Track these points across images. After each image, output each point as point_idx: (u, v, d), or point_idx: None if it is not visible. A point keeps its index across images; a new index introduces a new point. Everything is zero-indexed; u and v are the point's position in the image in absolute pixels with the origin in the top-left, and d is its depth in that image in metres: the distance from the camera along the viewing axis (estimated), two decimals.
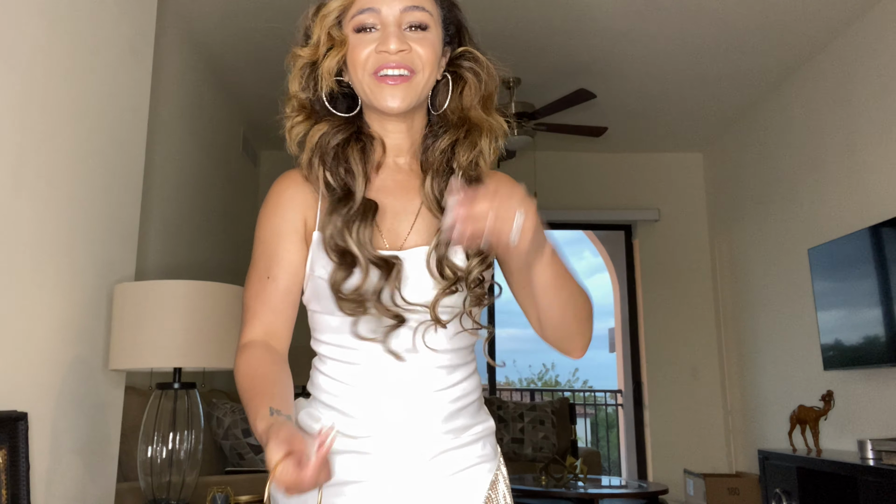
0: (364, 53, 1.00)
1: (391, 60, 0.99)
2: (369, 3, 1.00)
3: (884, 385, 3.53)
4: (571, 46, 4.06)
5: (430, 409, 1.02)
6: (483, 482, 1.05)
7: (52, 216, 1.87)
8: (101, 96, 2.15)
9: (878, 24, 3.61)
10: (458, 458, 1.04)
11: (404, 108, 1.01)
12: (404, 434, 1.01)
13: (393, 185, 1.06)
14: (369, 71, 1.00)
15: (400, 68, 0.99)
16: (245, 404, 0.94)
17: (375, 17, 1.00)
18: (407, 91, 1.00)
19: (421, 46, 1.01)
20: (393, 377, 1.01)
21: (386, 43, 0.98)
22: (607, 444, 8.60)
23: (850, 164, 3.84)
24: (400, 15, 1.00)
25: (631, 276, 5.87)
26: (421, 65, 1.01)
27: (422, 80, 1.02)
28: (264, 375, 0.96)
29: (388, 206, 1.04)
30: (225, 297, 2.03)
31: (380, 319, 0.99)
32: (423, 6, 1.02)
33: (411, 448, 1.01)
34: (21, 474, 1.59)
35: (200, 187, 4.12)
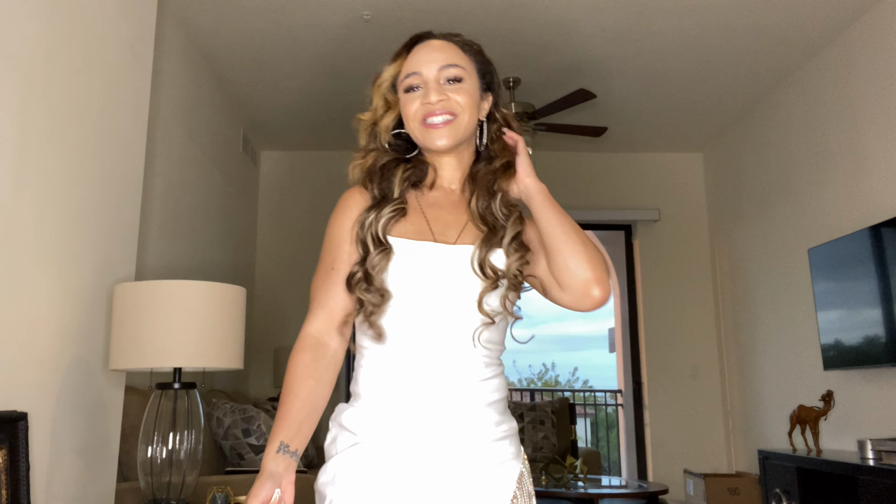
0: (413, 108, 1.25)
1: (434, 109, 1.23)
2: (412, 68, 1.25)
3: (884, 385, 3.53)
4: (571, 46, 4.06)
5: (473, 398, 1.18)
6: (511, 478, 1.19)
7: (52, 216, 1.87)
8: (101, 96, 2.15)
9: (878, 24, 3.61)
10: (495, 451, 1.19)
11: (451, 145, 1.25)
12: (449, 423, 1.16)
13: (445, 202, 1.29)
14: (418, 120, 1.24)
15: (443, 114, 1.23)
16: (277, 410, 1.17)
17: (419, 79, 1.25)
18: (451, 131, 1.23)
19: (458, 94, 1.24)
20: (435, 370, 1.17)
21: (428, 97, 1.23)
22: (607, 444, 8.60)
23: (851, 164, 3.84)
24: (438, 73, 1.24)
25: (631, 276, 5.87)
26: (460, 108, 1.24)
27: (463, 121, 1.24)
28: (297, 393, 1.17)
29: (439, 216, 1.26)
30: (225, 297, 2.03)
31: (418, 313, 1.18)
32: (457, 63, 1.26)
33: (453, 439, 1.15)
34: (21, 474, 1.59)
35: (200, 187, 4.11)
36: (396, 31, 3.86)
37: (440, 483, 1.13)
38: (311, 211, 5.59)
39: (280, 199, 5.61)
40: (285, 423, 1.14)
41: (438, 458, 1.14)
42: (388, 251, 1.18)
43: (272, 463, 1.12)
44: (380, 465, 1.14)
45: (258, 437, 3.16)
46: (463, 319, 1.19)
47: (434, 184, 1.30)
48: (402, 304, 1.18)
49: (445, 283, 1.19)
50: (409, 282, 1.18)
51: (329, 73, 4.34)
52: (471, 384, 1.18)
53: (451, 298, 1.18)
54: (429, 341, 1.17)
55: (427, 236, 1.22)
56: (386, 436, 1.15)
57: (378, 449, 1.15)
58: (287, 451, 1.13)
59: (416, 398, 1.16)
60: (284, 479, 1.12)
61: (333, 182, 5.80)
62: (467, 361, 1.18)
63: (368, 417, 1.18)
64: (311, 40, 3.94)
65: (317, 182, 5.64)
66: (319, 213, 5.78)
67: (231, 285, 2.06)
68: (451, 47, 1.27)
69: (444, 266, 1.19)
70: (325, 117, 5.04)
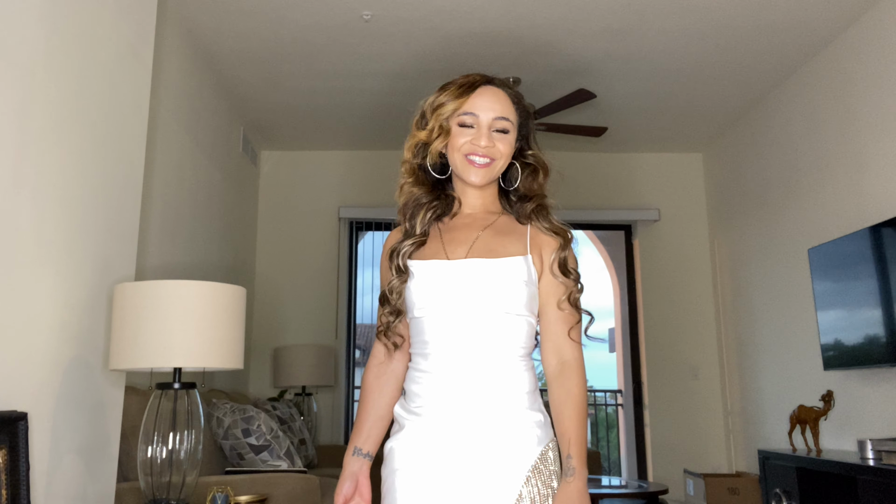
0: (461, 141, 1.44)
1: (480, 150, 1.43)
2: (472, 109, 1.44)
3: (884, 385, 3.53)
4: (571, 46, 4.06)
5: (493, 389, 1.37)
6: (527, 462, 1.34)
7: (52, 216, 1.87)
8: (101, 96, 2.15)
9: (877, 24, 3.61)
10: (515, 437, 1.36)
11: (484, 183, 1.47)
12: (471, 413, 1.36)
13: (461, 225, 1.49)
14: (463, 153, 1.44)
15: (485, 157, 1.44)
16: (355, 419, 1.50)
17: (475, 120, 1.44)
18: (487, 173, 1.45)
19: (502, 144, 1.45)
20: (460, 365, 1.38)
21: (479, 140, 1.43)
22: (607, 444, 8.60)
23: (851, 164, 3.84)
24: (492, 121, 1.44)
25: (631, 276, 5.86)
26: (500, 155, 1.45)
27: (498, 166, 1.46)
28: (364, 406, 1.49)
29: (454, 238, 1.47)
30: (225, 297, 2.03)
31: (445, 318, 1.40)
32: (508, 117, 1.45)
33: (474, 424, 1.35)
34: (21, 474, 1.59)
35: (200, 187, 4.11)
36: (396, 31, 3.86)
37: (462, 461, 1.33)
38: (311, 211, 5.59)
39: (280, 199, 5.61)
40: (357, 431, 1.47)
41: (460, 443, 1.33)
42: (403, 276, 1.42)
43: (350, 464, 1.44)
44: (414, 446, 1.37)
45: (258, 437, 3.16)
46: (479, 321, 1.38)
47: (456, 214, 1.51)
48: (428, 314, 1.40)
49: (458, 293, 1.39)
50: (428, 296, 1.41)
51: (329, 73, 4.34)
52: (492, 379, 1.36)
53: (466, 304, 1.39)
54: (452, 343, 1.38)
55: (440, 255, 1.44)
56: (420, 423, 1.37)
57: (413, 433, 1.37)
58: (360, 454, 1.45)
59: (445, 393, 1.36)
60: (361, 475, 1.44)
61: (333, 182, 5.83)
62: (487, 358, 1.37)
63: (409, 407, 1.41)
64: (311, 40, 3.94)
65: (317, 182, 5.64)
66: (319, 213, 5.80)
67: (231, 285, 2.06)
68: (505, 99, 1.46)
69: (453, 278, 1.41)
70: (325, 117, 5.04)
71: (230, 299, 2.04)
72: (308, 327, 5.39)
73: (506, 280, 1.39)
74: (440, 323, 1.40)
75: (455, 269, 1.41)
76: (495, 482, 1.31)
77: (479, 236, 1.46)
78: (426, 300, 1.40)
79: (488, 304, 1.38)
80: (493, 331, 1.38)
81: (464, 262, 1.42)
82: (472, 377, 1.36)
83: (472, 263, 1.41)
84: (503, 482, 1.31)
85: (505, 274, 1.40)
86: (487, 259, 1.41)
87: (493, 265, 1.41)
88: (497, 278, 1.39)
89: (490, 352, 1.37)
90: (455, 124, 1.45)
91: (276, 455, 3.18)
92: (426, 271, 1.42)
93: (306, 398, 4.84)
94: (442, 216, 1.51)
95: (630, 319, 5.82)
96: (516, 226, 1.49)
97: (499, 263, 1.41)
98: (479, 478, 1.31)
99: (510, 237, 1.47)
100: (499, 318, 1.38)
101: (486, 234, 1.46)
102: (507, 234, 1.47)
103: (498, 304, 1.38)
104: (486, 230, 1.47)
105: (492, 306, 1.38)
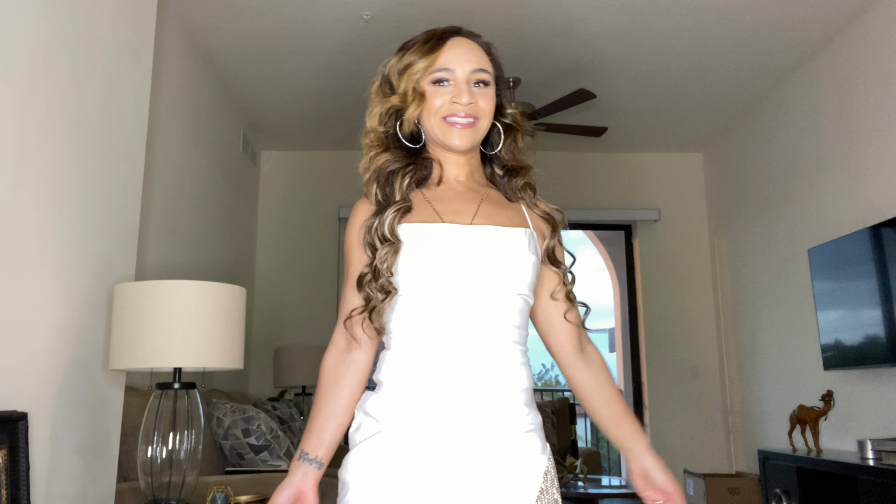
0: (438, 103, 1.24)
1: (462, 110, 1.23)
2: (446, 65, 1.25)
3: (884, 385, 3.53)
4: (571, 46, 4.06)
5: (501, 386, 1.18)
6: (538, 472, 1.20)
7: (52, 216, 1.87)
8: (101, 96, 2.15)
9: (877, 24, 3.61)
10: (523, 443, 1.20)
11: (467, 147, 1.26)
12: (476, 412, 1.15)
13: (453, 194, 1.28)
14: (441, 116, 1.24)
15: (468, 117, 1.24)
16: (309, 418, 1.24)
17: (451, 75, 1.25)
18: (472, 134, 1.25)
19: (483, 100, 1.26)
20: (462, 356, 1.16)
21: (459, 96, 1.23)
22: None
23: (850, 164, 3.84)
24: (469, 74, 1.25)
25: (631, 276, 5.87)
26: (483, 113, 1.26)
27: (482, 126, 1.26)
28: (317, 401, 1.23)
29: (448, 207, 1.25)
30: (225, 297, 2.03)
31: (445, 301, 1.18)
32: (486, 69, 1.27)
33: (480, 429, 1.15)
34: (21, 474, 1.59)
35: (200, 187, 4.11)
36: (396, 31, 3.85)
37: (464, 474, 1.12)
38: (311, 211, 5.59)
39: (280, 199, 5.61)
40: (307, 432, 1.21)
41: (463, 447, 1.13)
42: (395, 245, 1.18)
43: (293, 471, 1.18)
44: (401, 453, 1.13)
45: (258, 437, 3.16)
46: (491, 302, 1.18)
47: (441, 179, 1.29)
48: (421, 291, 1.18)
49: (469, 265, 1.18)
50: (426, 268, 1.17)
51: (329, 73, 4.34)
52: (499, 371, 1.17)
53: (478, 281, 1.17)
54: (454, 327, 1.16)
55: (437, 221, 1.22)
56: (409, 423, 1.14)
57: (400, 437, 1.14)
58: (307, 459, 1.18)
59: (441, 385, 1.14)
60: (303, 485, 1.17)
61: (333, 182, 5.82)
62: (496, 347, 1.17)
63: (392, 404, 1.16)
64: (311, 40, 3.94)
65: (317, 182, 5.64)
66: (319, 213, 5.80)
67: (231, 285, 2.06)
68: (479, 50, 1.28)
69: (463, 247, 1.18)
70: (326, 117, 5.04)
71: (230, 299, 2.04)
72: (308, 327, 5.39)
73: (519, 254, 1.20)
74: (441, 302, 1.17)
75: (463, 235, 1.20)
76: (507, 498, 1.13)
77: (479, 205, 1.26)
78: (427, 272, 1.17)
79: (501, 279, 1.18)
80: (502, 313, 1.18)
81: (474, 228, 1.21)
82: (477, 370, 1.15)
83: (484, 230, 1.20)
84: (516, 498, 1.14)
85: (518, 246, 1.21)
86: (500, 227, 1.22)
87: (506, 234, 1.21)
88: (511, 250, 1.20)
89: (497, 339, 1.17)
90: (428, 84, 1.25)
91: (276, 455, 3.18)
92: (426, 236, 1.19)
93: (306, 398, 4.83)
94: (421, 182, 1.29)
95: (630, 319, 5.82)
96: (508, 202, 1.31)
97: (512, 233, 1.22)
98: (487, 493, 1.12)
99: (509, 210, 1.29)
100: (509, 298, 1.19)
101: (486, 203, 1.27)
102: (505, 207, 1.29)
103: (510, 280, 1.19)
104: (485, 201, 1.28)
105: (504, 283, 1.18)
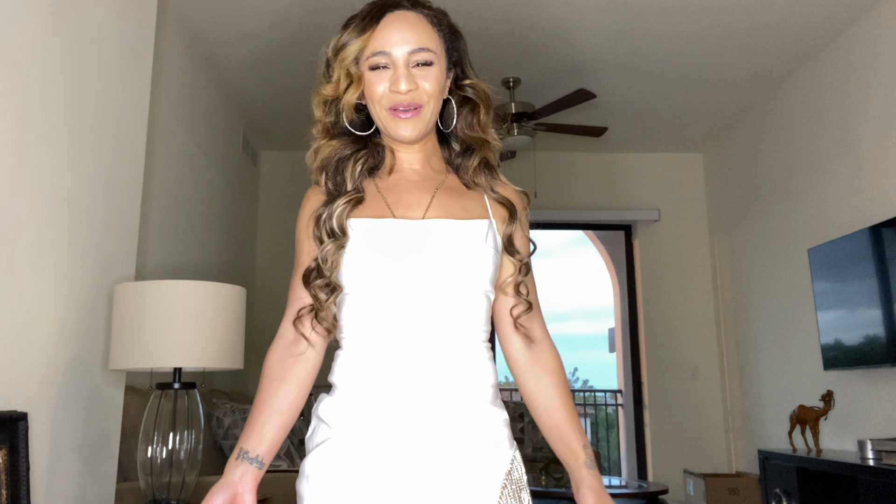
0: (380, 90, 1.16)
1: (402, 100, 1.15)
2: (381, 47, 1.15)
3: (884, 385, 3.53)
4: (571, 46, 4.06)
5: (456, 383, 1.13)
6: (501, 468, 1.15)
7: (52, 216, 1.87)
8: (101, 96, 2.15)
9: (878, 24, 3.61)
10: (482, 439, 1.14)
11: (416, 136, 1.18)
12: (431, 411, 1.10)
13: (406, 184, 1.22)
14: (385, 107, 1.16)
15: (410, 106, 1.16)
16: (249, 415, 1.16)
17: (387, 58, 1.16)
18: (417, 123, 1.17)
19: (427, 81, 1.16)
20: (415, 354, 1.11)
21: (397, 84, 1.14)
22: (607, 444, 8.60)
23: (850, 164, 3.84)
24: (408, 56, 1.15)
25: (631, 276, 5.87)
26: (427, 98, 1.16)
27: (429, 112, 1.17)
28: (260, 395, 1.15)
29: (400, 199, 1.19)
30: (225, 297, 2.03)
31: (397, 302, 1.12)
32: (428, 46, 1.16)
33: (435, 428, 1.09)
34: (21, 474, 1.59)
35: (200, 187, 4.11)
36: None
37: (426, 477, 1.07)
38: None
39: (280, 199, 5.61)
40: (248, 428, 1.12)
41: (423, 450, 1.08)
42: (339, 240, 1.13)
43: (230, 471, 1.09)
44: (354, 460, 1.08)
45: None
46: (447, 300, 1.12)
47: (393, 168, 1.23)
48: (370, 289, 1.12)
49: (421, 262, 1.12)
50: (373, 265, 1.12)
51: None
52: (461, 368, 1.11)
53: (431, 277, 1.12)
54: (407, 326, 1.11)
55: (388, 216, 1.16)
56: (362, 427, 1.09)
57: (352, 441, 1.09)
58: (246, 458, 1.10)
59: (396, 385, 1.09)
60: (240, 486, 1.09)
61: None
62: (455, 344, 1.12)
63: (344, 407, 1.11)
64: (311, 40, 3.94)
65: None
66: None
67: (231, 285, 2.06)
68: (422, 23, 1.17)
69: (412, 241, 1.13)
70: None
71: (230, 299, 2.04)
72: None
73: (475, 248, 1.15)
74: (392, 300, 1.12)
75: (413, 231, 1.14)
76: (469, 497, 1.08)
77: (434, 196, 1.19)
78: (373, 269, 1.12)
79: (455, 275, 1.13)
80: (458, 309, 1.13)
81: (425, 223, 1.15)
82: (435, 369, 1.10)
83: (437, 225, 1.15)
84: (477, 497, 1.09)
85: (475, 240, 1.15)
86: (454, 220, 1.16)
87: (461, 227, 1.15)
88: (466, 244, 1.14)
89: (455, 336, 1.12)
90: (366, 68, 1.17)
91: (277, 455, 3.18)
92: (374, 232, 1.14)
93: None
94: (374, 170, 1.23)
95: (630, 319, 5.82)
96: (466, 188, 1.24)
97: (468, 226, 1.16)
98: (448, 493, 1.07)
99: (467, 199, 1.21)
100: (466, 294, 1.13)
101: (441, 194, 1.20)
102: (462, 196, 1.21)
103: (466, 276, 1.13)
104: (440, 191, 1.21)
105: (459, 279, 1.13)
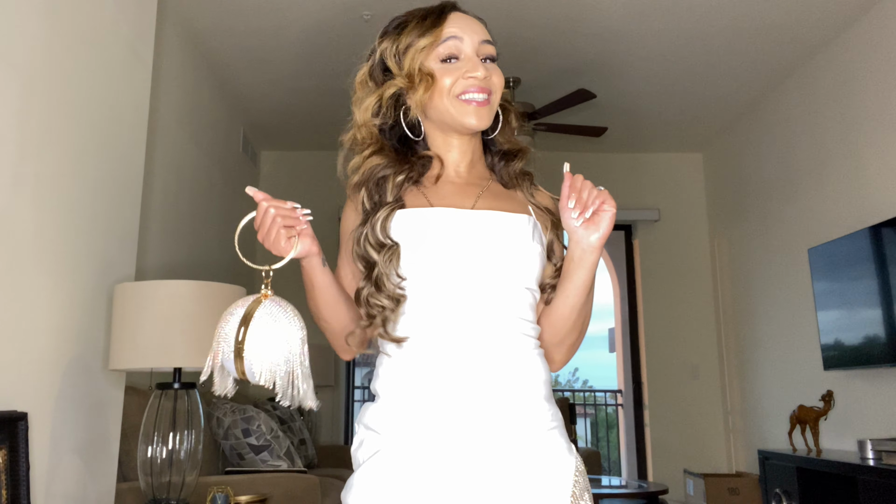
0: (449, 81, 1.12)
1: (477, 85, 1.12)
2: (454, 32, 1.13)
3: (884, 385, 3.53)
4: (571, 46, 4.06)
5: (518, 384, 1.08)
6: (568, 474, 1.11)
7: (52, 216, 1.87)
8: (101, 96, 2.15)
9: (878, 24, 3.61)
10: (547, 444, 1.10)
11: (485, 125, 1.15)
12: (491, 415, 1.05)
13: (451, 188, 1.17)
14: (455, 94, 1.12)
15: (483, 92, 1.13)
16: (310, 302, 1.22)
17: (458, 48, 1.13)
18: (489, 112, 1.14)
19: (495, 75, 1.15)
20: (472, 353, 1.06)
21: (475, 70, 1.12)
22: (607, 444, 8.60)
23: (850, 164, 3.84)
24: (478, 46, 1.14)
25: (631, 276, 5.87)
26: (496, 88, 1.15)
27: (496, 102, 1.16)
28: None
29: (444, 200, 1.16)
30: (225, 296, 2.03)
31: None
32: (493, 41, 1.17)
33: (496, 434, 1.04)
34: (21, 474, 1.59)
35: (200, 187, 4.11)
36: None
37: (485, 483, 1.00)
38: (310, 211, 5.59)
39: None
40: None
41: (481, 454, 1.01)
42: (394, 248, 1.07)
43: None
44: (409, 472, 1.01)
45: (258, 437, 3.16)
46: (498, 294, 1.07)
47: (439, 177, 1.18)
48: (426, 288, 1.07)
49: (473, 253, 1.07)
50: (429, 260, 1.06)
51: (329, 73, 4.34)
52: (514, 365, 1.06)
53: (483, 270, 1.07)
54: (460, 323, 1.05)
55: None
56: (416, 435, 1.03)
57: (407, 452, 1.02)
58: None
59: (449, 388, 1.03)
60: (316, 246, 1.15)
61: (333, 182, 5.80)
62: (508, 341, 1.06)
63: (395, 414, 1.05)
64: (311, 40, 3.94)
65: (317, 182, 5.62)
66: (319, 212, 5.77)
67: (231, 285, 2.06)
68: (481, 24, 1.17)
69: (465, 233, 1.08)
70: (325, 117, 5.04)
71: (230, 299, 2.04)
72: (307, 327, 5.38)
73: (525, 243, 1.10)
74: (446, 297, 1.06)
75: (465, 221, 1.09)
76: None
77: (479, 197, 1.15)
78: (428, 267, 1.07)
79: (508, 271, 1.08)
80: (511, 306, 1.08)
81: (475, 213, 1.10)
82: (488, 367, 1.04)
83: (487, 216, 1.10)
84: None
85: (525, 235, 1.10)
86: (504, 213, 1.12)
87: (511, 220, 1.11)
88: (517, 238, 1.10)
89: (508, 333, 1.07)
90: (435, 62, 1.13)
91: (276, 455, 3.18)
92: (423, 224, 1.08)
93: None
94: (419, 180, 1.18)
95: (630, 319, 5.82)
96: (509, 192, 1.21)
97: (517, 219, 1.11)
98: (514, 501, 1.01)
99: (513, 201, 1.18)
100: (517, 289, 1.09)
101: (486, 195, 1.16)
102: (508, 199, 1.18)
103: (518, 270, 1.09)
104: (486, 192, 1.17)
105: (511, 275, 1.08)
